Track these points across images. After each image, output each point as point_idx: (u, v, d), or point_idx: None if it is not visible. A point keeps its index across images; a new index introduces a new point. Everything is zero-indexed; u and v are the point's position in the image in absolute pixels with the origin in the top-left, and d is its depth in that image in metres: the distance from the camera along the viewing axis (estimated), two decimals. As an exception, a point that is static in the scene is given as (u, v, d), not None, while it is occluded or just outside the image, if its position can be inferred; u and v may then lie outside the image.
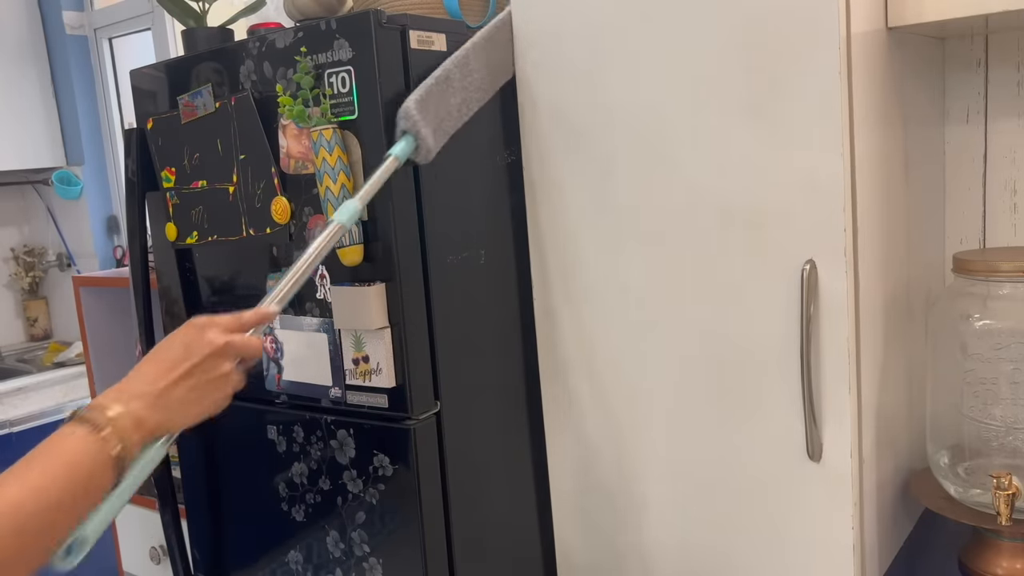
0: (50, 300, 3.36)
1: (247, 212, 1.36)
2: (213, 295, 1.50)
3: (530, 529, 1.47)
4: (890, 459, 1.24)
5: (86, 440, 0.76)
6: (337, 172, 1.18)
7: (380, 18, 1.18)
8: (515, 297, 1.42)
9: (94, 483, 0.76)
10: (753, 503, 1.19)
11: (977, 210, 1.44)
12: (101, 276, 2.33)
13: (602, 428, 1.33)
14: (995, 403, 1.18)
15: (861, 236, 1.09)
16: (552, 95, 1.28)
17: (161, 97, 1.48)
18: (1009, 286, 1.17)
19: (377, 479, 1.28)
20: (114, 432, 0.77)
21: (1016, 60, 1.38)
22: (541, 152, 1.31)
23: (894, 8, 1.18)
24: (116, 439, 0.77)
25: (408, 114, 1.15)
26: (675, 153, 1.18)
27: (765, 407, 1.15)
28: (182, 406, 0.84)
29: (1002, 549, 1.16)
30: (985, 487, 1.15)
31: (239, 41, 1.36)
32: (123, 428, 0.78)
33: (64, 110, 3.08)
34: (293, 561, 1.42)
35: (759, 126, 1.10)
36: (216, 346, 0.87)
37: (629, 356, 1.28)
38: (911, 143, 1.29)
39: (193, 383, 0.85)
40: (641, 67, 1.19)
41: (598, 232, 1.27)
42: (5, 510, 0.69)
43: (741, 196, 1.13)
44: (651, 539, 1.31)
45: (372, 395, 1.26)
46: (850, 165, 1.06)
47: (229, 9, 1.69)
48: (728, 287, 1.16)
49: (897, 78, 1.23)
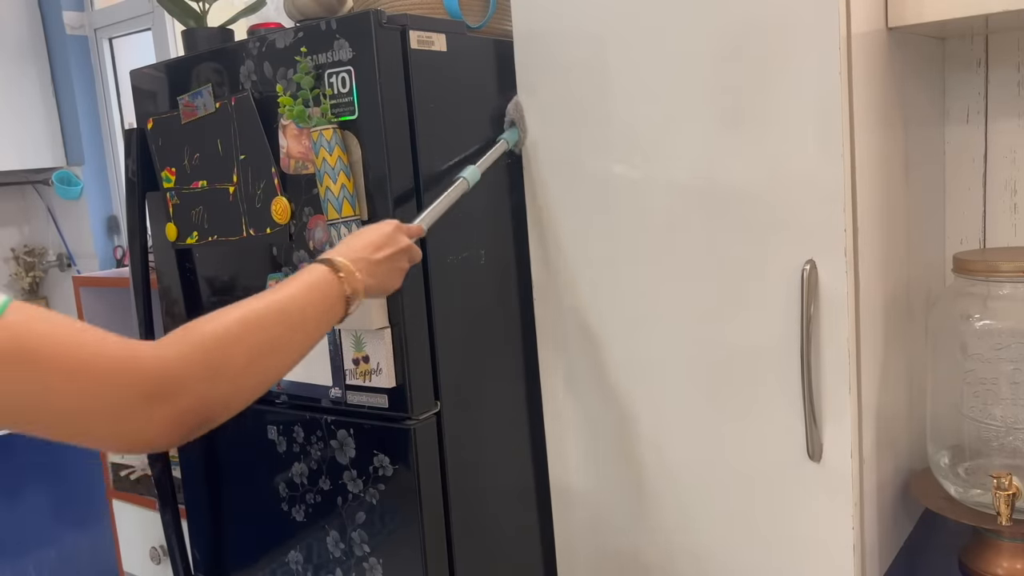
0: (50, 300, 3.36)
1: (247, 212, 1.36)
2: (213, 295, 1.50)
3: (530, 529, 1.47)
4: (890, 459, 1.24)
5: (327, 274, 0.92)
6: (337, 172, 1.18)
7: (380, 18, 1.18)
8: (515, 297, 1.42)
9: (330, 310, 0.91)
10: (753, 503, 1.19)
11: (977, 210, 1.44)
12: (101, 276, 2.33)
13: (602, 428, 1.33)
14: (995, 403, 1.18)
15: (861, 236, 1.09)
16: (552, 95, 1.28)
17: (161, 97, 1.48)
18: (1009, 286, 1.17)
19: (377, 479, 1.28)
20: (347, 276, 0.93)
21: (1016, 60, 1.38)
22: (540, 152, 1.31)
23: (894, 8, 1.18)
24: (347, 282, 0.93)
25: (518, 107, 1.33)
26: (675, 153, 1.18)
27: (765, 407, 1.15)
28: (382, 278, 1.01)
29: (1002, 549, 1.16)
30: (985, 487, 1.15)
31: (239, 41, 1.36)
32: (351, 275, 0.94)
33: (64, 110, 3.08)
34: (293, 561, 1.42)
35: (759, 126, 1.10)
36: (406, 244, 1.06)
37: (629, 356, 1.28)
38: (911, 143, 1.29)
39: (390, 266, 1.03)
40: (641, 66, 1.19)
41: (598, 232, 1.27)
42: (262, 304, 0.83)
43: (741, 196, 1.13)
44: (651, 539, 1.31)
45: (372, 395, 1.26)
46: (850, 165, 1.06)
47: (229, 9, 1.69)
48: (728, 287, 1.16)
49: (897, 78, 1.23)
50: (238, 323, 0.79)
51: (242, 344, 0.78)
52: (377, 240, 1.02)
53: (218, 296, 1.49)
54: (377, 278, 1.00)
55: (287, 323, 0.84)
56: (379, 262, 1.00)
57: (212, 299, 1.50)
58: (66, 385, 0.67)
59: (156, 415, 0.70)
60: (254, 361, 0.79)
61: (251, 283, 1.41)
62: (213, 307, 1.50)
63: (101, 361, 0.69)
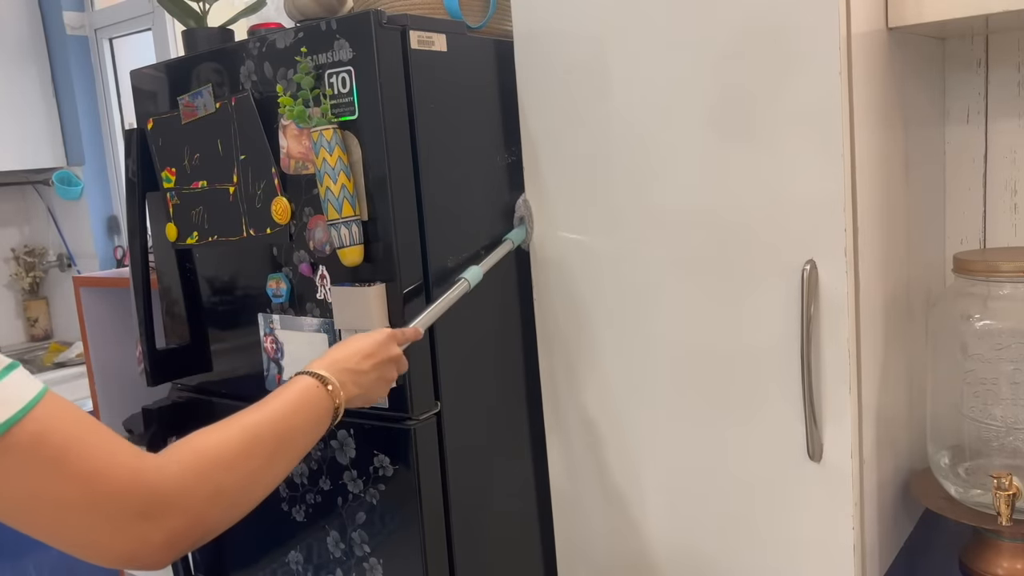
0: (50, 300, 3.36)
1: (247, 212, 1.36)
2: (213, 295, 1.50)
3: (530, 529, 1.47)
4: (890, 459, 1.24)
5: (316, 388, 0.92)
6: (337, 172, 1.18)
7: (380, 18, 1.18)
8: (515, 297, 1.42)
9: (318, 425, 0.91)
10: (754, 503, 1.19)
11: (977, 210, 1.44)
12: (101, 276, 2.33)
13: (603, 428, 1.33)
14: (995, 403, 1.18)
15: (861, 236, 1.09)
16: (552, 96, 1.28)
17: (161, 97, 1.48)
18: (1009, 286, 1.17)
19: (377, 479, 1.28)
20: (334, 389, 0.93)
21: (1016, 60, 1.38)
22: (541, 152, 1.32)
23: (894, 8, 1.18)
24: (335, 395, 0.93)
25: (527, 205, 1.35)
26: (675, 152, 1.18)
27: (765, 407, 1.15)
28: (367, 388, 1.01)
29: (1002, 549, 1.16)
30: (985, 487, 1.15)
31: (239, 41, 1.36)
32: (338, 389, 0.94)
33: (64, 110, 3.08)
34: (293, 561, 1.42)
35: (759, 126, 1.10)
36: (396, 354, 1.07)
37: (630, 356, 1.28)
38: (911, 143, 1.29)
39: (377, 375, 1.03)
40: (641, 67, 1.19)
41: (598, 231, 1.27)
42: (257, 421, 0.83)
43: (741, 196, 1.13)
44: (652, 539, 1.31)
45: (372, 395, 1.26)
46: (850, 165, 1.06)
47: (229, 9, 1.69)
48: (729, 287, 1.16)
49: (897, 78, 1.23)
50: (239, 443, 0.79)
51: (242, 466, 0.79)
52: (367, 348, 1.02)
53: (218, 296, 1.49)
54: (363, 388, 1.00)
55: (281, 441, 0.84)
56: (366, 372, 1.00)
57: (212, 299, 1.50)
58: (77, 492, 0.66)
59: (153, 533, 0.70)
60: (252, 481, 0.80)
61: (251, 283, 1.41)
62: (214, 307, 1.51)
63: (113, 472, 0.68)
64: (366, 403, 1.02)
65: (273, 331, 1.38)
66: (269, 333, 1.38)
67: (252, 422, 0.83)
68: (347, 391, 0.96)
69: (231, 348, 1.49)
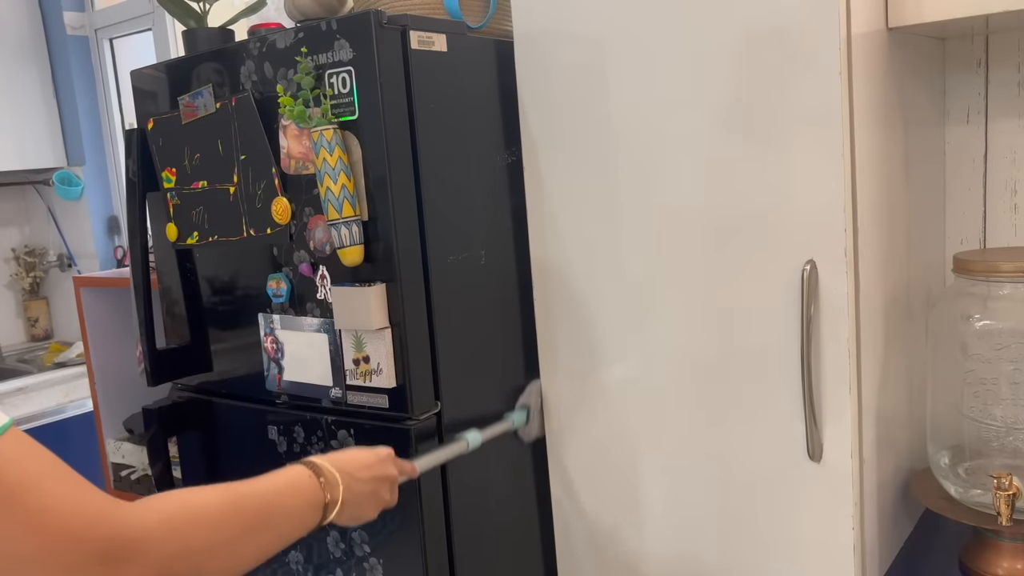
0: (51, 300, 3.36)
1: (248, 212, 1.36)
2: (214, 295, 1.50)
3: (530, 529, 1.47)
4: (890, 459, 1.24)
5: (310, 477, 0.89)
6: (338, 172, 1.18)
7: (381, 18, 1.18)
8: (515, 297, 1.42)
9: (305, 513, 0.88)
10: (754, 503, 1.19)
11: (977, 210, 1.44)
12: (102, 276, 2.33)
13: (603, 428, 1.33)
14: (995, 403, 1.18)
15: (861, 236, 1.09)
16: (552, 96, 1.28)
17: (162, 97, 1.48)
18: (1009, 286, 1.17)
19: (378, 479, 1.28)
20: (328, 483, 0.90)
21: (1016, 60, 1.38)
22: (541, 152, 1.31)
23: (894, 8, 1.18)
24: (328, 489, 0.90)
25: (534, 394, 1.37)
26: (675, 153, 1.18)
27: (766, 407, 1.15)
28: (359, 499, 0.96)
29: (1003, 549, 1.16)
30: (985, 487, 1.15)
31: (240, 41, 1.36)
32: (334, 484, 0.91)
33: (65, 110, 3.08)
34: (294, 561, 1.42)
35: (760, 126, 1.10)
36: (394, 474, 1.04)
37: (630, 356, 1.28)
38: (911, 143, 1.29)
39: (372, 489, 0.99)
40: (641, 68, 1.19)
41: (598, 232, 1.27)
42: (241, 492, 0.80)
43: (741, 196, 1.13)
44: (652, 539, 1.31)
45: (373, 395, 1.26)
46: (850, 165, 1.06)
47: (230, 9, 1.69)
48: (728, 287, 1.16)
49: (897, 78, 1.23)
50: (218, 506, 0.76)
51: (216, 530, 0.75)
52: (367, 460, 0.99)
53: (219, 296, 1.49)
54: (355, 496, 0.95)
55: (262, 517, 0.81)
56: (363, 482, 0.97)
57: (213, 299, 1.50)
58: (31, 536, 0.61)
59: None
60: (224, 550, 0.76)
61: (251, 283, 1.41)
62: (214, 307, 1.51)
63: (77, 512, 0.63)
64: (354, 516, 0.97)
65: (273, 331, 1.38)
66: (269, 333, 1.39)
67: (236, 491, 0.80)
68: (340, 493, 0.92)
69: (231, 348, 1.49)
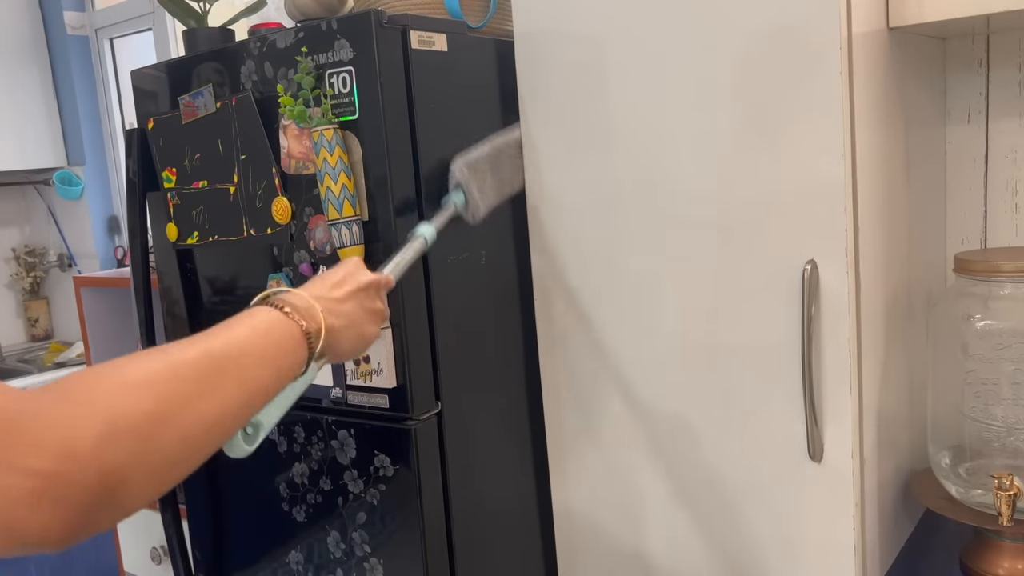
0: (51, 300, 3.36)
1: (248, 212, 1.36)
2: (214, 295, 1.50)
3: (531, 529, 1.47)
4: (891, 459, 1.24)
5: (270, 310, 0.76)
6: (338, 172, 1.18)
7: (381, 18, 1.18)
8: (516, 297, 1.42)
9: (283, 353, 0.75)
10: (754, 503, 1.19)
11: (978, 210, 1.44)
12: (102, 276, 2.33)
13: (603, 428, 1.32)
14: (996, 403, 1.18)
15: (862, 236, 1.09)
16: (553, 96, 1.28)
17: (162, 97, 1.48)
18: (1010, 286, 1.17)
19: (378, 479, 1.28)
20: (300, 311, 0.78)
21: (1017, 60, 1.38)
22: (541, 152, 1.31)
23: (895, 8, 1.18)
24: (304, 318, 0.77)
25: (460, 170, 1.23)
26: (676, 153, 1.18)
27: (766, 407, 1.15)
28: (351, 321, 0.85)
29: (1003, 550, 1.16)
30: (986, 488, 1.14)
31: (240, 41, 1.36)
32: (306, 313, 0.78)
33: (65, 110, 3.08)
34: (294, 561, 1.42)
35: (760, 126, 1.10)
36: (372, 280, 0.90)
37: (630, 356, 1.28)
38: (912, 143, 1.29)
39: (358, 304, 0.87)
40: (642, 67, 1.19)
41: (599, 232, 1.27)
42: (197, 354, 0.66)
43: (742, 196, 1.13)
44: (652, 538, 1.31)
45: (373, 395, 1.26)
46: (851, 165, 1.06)
47: (230, 9, 1.69)
48: (729, 287, 1.16)
49: (898, 78, 1.23)
50: (155, 366, 0.62)
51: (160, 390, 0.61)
52: (335, 277, 0.88)
53: (219, 296, 1.49)
54: (342, 317, 0.84)
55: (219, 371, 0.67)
56: (342, 300, 0.85)
57: (213, 299, 1.50)
58: None
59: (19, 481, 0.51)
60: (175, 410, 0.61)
61: (252, 283, 1.41)
62: (214, 307, 1.51)
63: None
64: (357, 338, 0.86)
65: (274, 331, 1.38)
66: (270, 333, 1.38)
67: (176, 346, 0.66)
68: (321, 318, 0.80)
69: (232, 348, 1.49)
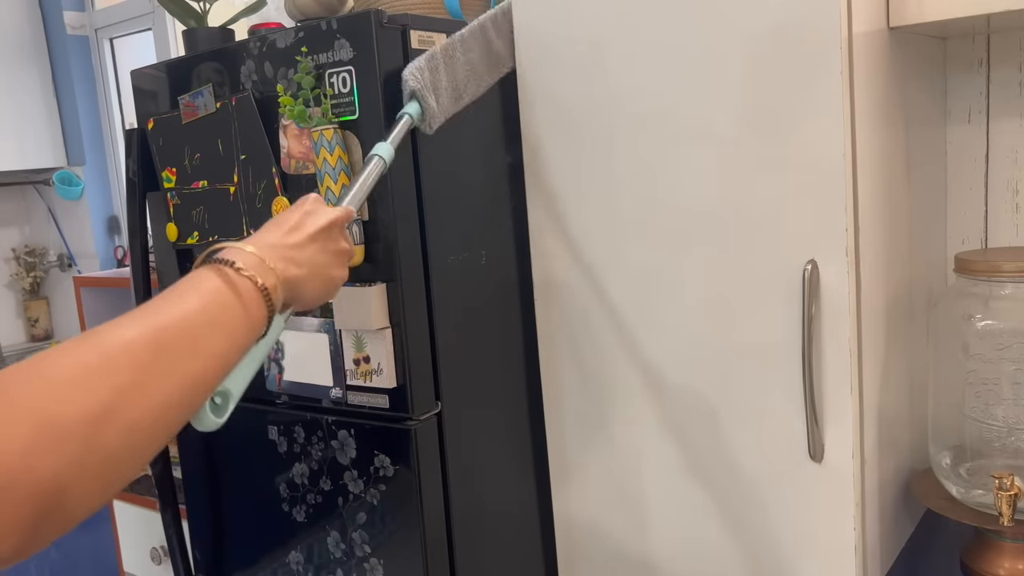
0: (51, 300, 3.36)
1: (248, 212, 1.36)
2: (214, 295, 1.49)
3: (531, 529, 1.47)
4: (892, 459, 1.24)
5: (222, 272, 0.68)
6: (338, 172, 1.18)
7: (381, 18, 1.18)
8: (516, 298, 1.41)
9: (239, 316, 0.67)
10: (755, 503, 1.19)
11: (979, 210, 1.44)
12: (102, 276, 2.33)
13: (604, 428, 1.32)
14: (997, 404, 1.18)
15: (863, 236, 1.09)
16: (553, 95, 1.28)
17: (162, 97, 1.48)
18: (1011, 286, 1.17)
19: (378, 479, 1.28)
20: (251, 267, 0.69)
21: (1018, 60, 1.38)
22: (542, 152, 1.31)
23: (895, 8, 1.17)
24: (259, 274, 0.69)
25: (413, 76, 1.12)
26: (677, 153, 1.18)
27: (767, 407, 1.15)
28: (313, 267, 0.77)
29: (1004, 550, 1.16)
30: (987, 488, 1.14)
31: (240, 41, 1.36)
32: (261, 267, 0.70)
33: (65, 110, 3.08)
34: (294, 562, 1.42)
35: (761, 125, 1.10)
36: (332, 219, 0.81)
37: (630, 356, 1.27)
38: (913, 143, 1.29)
39: (320, 247, 0.79)
40: (642, 67, 1.19)
41: (599, 232, 1.27)
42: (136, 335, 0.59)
43: (742, 196, 1.13)
44: (652, 539, 1.31)
45: (373, 395, 1.26)
46: (852, 165, 1.06)
47: (230, 9, 1.69)
48: (730, 287, 1.16)
49: (899, 78, 1.23)
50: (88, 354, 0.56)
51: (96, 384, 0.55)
52: (289, 220, 0.78)
53: (219, 296, 1.49)
54: (304, 266, 0.76)
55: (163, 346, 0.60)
56: (300, 246, 0.76)
57: (213, 299, 1.50)
58: None
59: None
60: (118, 403, 0.55)
61: (252, 283, 1.41)
62: (214, 307, 1.51)
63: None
64: (330, 284, 0.80)
65: (274, 331, 1.38)
66: (270, 333, 1.38)
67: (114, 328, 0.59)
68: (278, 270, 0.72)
69: (231, 348, 1.49)
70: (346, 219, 0.86)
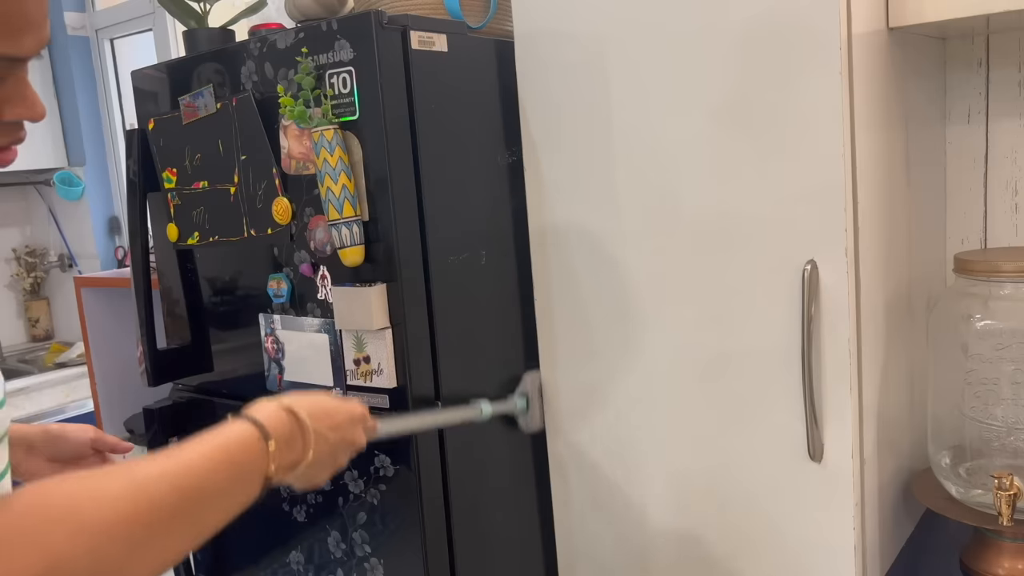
0: (52, 301, 3.36)
1: (248, 213, 1.36)
2: (214, 295, 1.50)
3: (531, 529, 1.47)
4: (891, 459, 1.24)
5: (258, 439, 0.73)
6: (338, 172, 1.18)
7: (381, 19, 1.18)
8: (516, 298, 1.42)
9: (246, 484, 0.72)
10: (754, 503, 1.19)
11: (978, 210, 1.44)
12: (102, 277, 2.33)
13: (602, 428, 1.32)
14: (996, 403, 1.18)
15: (862, 236, 1.09)
16: (553, 96, 1.28)
17: (162, 98, 1.48)
18: (1010, 286, 1.17)
19: (378, 479, 1.28)
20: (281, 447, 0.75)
21: (1017, 60, 1.38)
22: (542, 153, 1.31)
23: (895, 8, 1.18)
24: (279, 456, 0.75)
25: (532, 383, 1.37)
26: (676, 153, 1.18)
27: (766, 407, 1.15)
28: (318, 467, 0.82)
29: (1003, 549, 1.16)
30: (986, 487, 1.14)
31: (240, 42, 1.36)
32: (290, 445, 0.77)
33: (66, 111, 3.08)
34: (294, 562, 1.42)
35: (760, 125, 1.10)
36: (361, 443, 0.90)
37: (630, 357, 1.28)
38: (912, 143, 1.29)
39: (340, 436, 0.85)
40: (642, 67, 1.19)
41: (599, 232, 1.27)
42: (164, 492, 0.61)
43: (742, 196, 1.13)
44: (652, 539, 1.31)
45: (373, 395, 1.26)
46: (851, 165, 1.06)
47: (230, 10, 1.69)
48: (729, 287, 1.16)
49: (898, 78, 1.23)
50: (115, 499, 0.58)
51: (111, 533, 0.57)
52: (338, 419, 0.85)
53: (219, 296, 1.49)
54: (317, 458, 0.80)
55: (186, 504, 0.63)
56: (330, 443, 0.83)
57: (213, 299, 1.50)
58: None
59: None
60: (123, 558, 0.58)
61: (252, 283, 1.41)
62: (214, 307, 1.51)
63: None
64: (329, 471, 0.85)
65: (274, 331, 1.38)
66: (270, 333, 1.39)
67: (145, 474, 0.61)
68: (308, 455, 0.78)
69: (232, 348, 1.49)
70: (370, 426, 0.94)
